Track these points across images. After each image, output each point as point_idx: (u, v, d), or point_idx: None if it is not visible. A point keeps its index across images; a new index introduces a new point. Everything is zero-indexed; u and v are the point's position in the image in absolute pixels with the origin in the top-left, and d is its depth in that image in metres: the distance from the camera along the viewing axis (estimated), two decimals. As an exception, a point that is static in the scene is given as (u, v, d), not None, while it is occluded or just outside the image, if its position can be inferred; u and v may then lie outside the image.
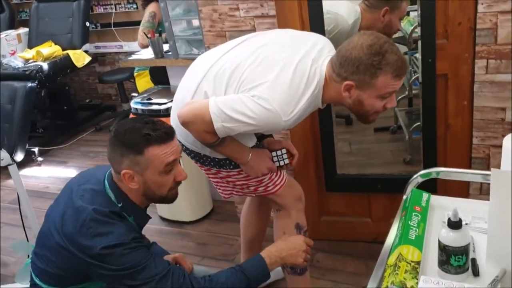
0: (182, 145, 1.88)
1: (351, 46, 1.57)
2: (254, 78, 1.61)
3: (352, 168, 2.75)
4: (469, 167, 2.23)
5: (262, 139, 2.00)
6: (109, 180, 1.56)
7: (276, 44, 1.73)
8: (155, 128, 1.49)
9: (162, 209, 3.16)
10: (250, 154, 1.79)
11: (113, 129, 1.51)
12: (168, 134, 1.51)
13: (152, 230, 3.07)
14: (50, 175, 4.17)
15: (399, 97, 3.35)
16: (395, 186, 1.79)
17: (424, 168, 2.17)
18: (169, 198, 1.60)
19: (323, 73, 1.64)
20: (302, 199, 2.04)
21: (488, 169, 1.70)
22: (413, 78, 2.95)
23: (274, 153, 1.94)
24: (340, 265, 2.51)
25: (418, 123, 2.53)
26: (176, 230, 3.04)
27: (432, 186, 2.19)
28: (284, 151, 1.95)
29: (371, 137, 3.38)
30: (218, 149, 1.74)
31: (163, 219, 3.16)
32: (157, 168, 1.50)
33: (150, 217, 1.67)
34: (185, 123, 1.68)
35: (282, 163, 1.95)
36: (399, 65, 1.54)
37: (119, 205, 1.53)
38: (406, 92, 3.22)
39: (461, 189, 2.25)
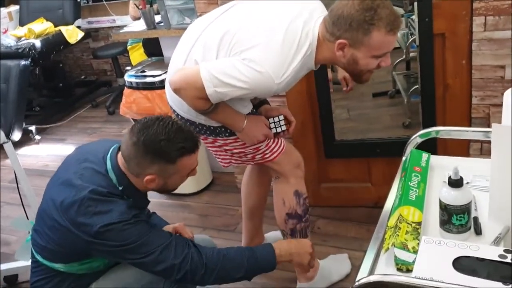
0: (177, 114, 1.85)
1: (343, 3, 1.54)
2: (245, 42, 1.58)
3: (351, 134, 2.73)
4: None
5: (259, 106, 1.97)
6: (113, 162, 1.54)
7: (266, 8, 1.70)
8: (187, 138, 1.50)
9: (162, 183, 3.15)
10: (245, 121, 1.77)
11: (141, 135, 1.46)
12: (197, 144, 1.54)
13: (153, 204, 3.02)
14: (49, 153, 4.16)
15: (397, 61, 3.30)
16: (395, 150, 1.76)
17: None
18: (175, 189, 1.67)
19: (316, 34, 1.61)
20: (301, 166, 2.02)
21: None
22: (410, 40, 2.90)
23: (271, 120, 1.91)
24: (342, 230, 2.51)
25: (416, 86, 2.49)
26: (177, 203, 3.03)
27: (432, 147, 2.16)
28: (281, 117, 1.92)
29: (369, 103, 3.34)
30: (212, 116, 1.72)
31: (163, 192, 3.15)
32: (183, 174, 1.56)
33: (149, 201, 1.67)
34: (177, 90, 1.65)
35: (279, 129, 1.92)
36: (392, 19, 1.51)
37: (120, 188, 1.52)
38: (404, 56, 3.18)
39: (462, 150, 2.23)
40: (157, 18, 2.98)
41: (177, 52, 1.81)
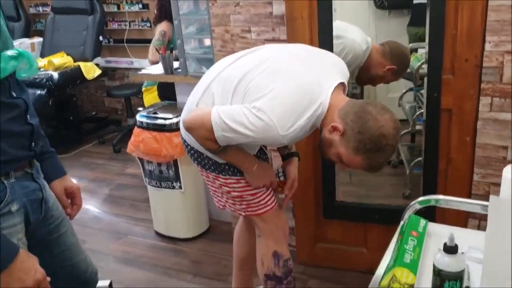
0: (187, 145, 1.88)
1: (372, 118, 1.57)
2: (259, 88, 1.61)
3: (351, 198, 2.75)
4: (468, 204, 2.23)
5: (288, 157, 2.07)
6: None
7: (287, 57, 1.74)
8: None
9: (158, 224, 3.16)
10: (256, 164, 1.81)
11: None
12: None
13: (146, 245, 3.07)
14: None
15: (403, 132, 3.37)
16: (392, 218, 1.78)
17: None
18: None
19: (328, 95, 1.63)
20: (285, 230, 2.03)
21: (487, 206, 1.71)
22: (417, 113, 2.97)
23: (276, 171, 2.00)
24: (333, 293, 2.49)
25: (419, 159, 2.54)
26: (171, 247, 3.02)
27: (431, 218, 2.19)
28: (280, 169, 2.02)
29: (372, 170, 3.39)
30: (221, 156, 1.76)
31: (158, 234, 3.15)
32: None
33: None
34: (188, 129, 1.71)
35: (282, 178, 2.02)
36: (377, 166, 1.63)
37: None
38: (410, 128, 3.24)
39: (459, 223, 2.24)
40: (175, 64, 3.08)
41: (197, 86, 1.85)
